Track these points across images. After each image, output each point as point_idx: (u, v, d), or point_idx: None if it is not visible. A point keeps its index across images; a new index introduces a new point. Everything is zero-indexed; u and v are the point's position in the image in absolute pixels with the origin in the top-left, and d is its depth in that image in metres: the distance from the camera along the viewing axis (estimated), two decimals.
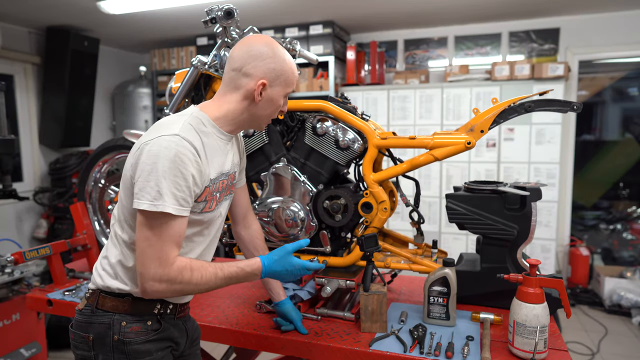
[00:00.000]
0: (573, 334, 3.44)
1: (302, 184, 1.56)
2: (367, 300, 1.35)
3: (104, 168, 2.12)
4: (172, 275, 1.01)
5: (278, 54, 1.15)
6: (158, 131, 1.03)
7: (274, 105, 1.19)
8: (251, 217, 1.45)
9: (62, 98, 4.22)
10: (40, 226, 4.36)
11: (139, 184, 1.00)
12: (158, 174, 0.98)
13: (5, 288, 2.35)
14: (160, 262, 1.00)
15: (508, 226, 1.44)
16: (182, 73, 1.69)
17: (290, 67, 1.18)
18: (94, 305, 1.12)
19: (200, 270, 1.05)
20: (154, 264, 1.00)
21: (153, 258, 1.00)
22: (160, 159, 0.98)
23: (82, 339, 1.11)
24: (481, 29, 4.32)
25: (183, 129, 1.03)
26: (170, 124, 1.05)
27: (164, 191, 0.98)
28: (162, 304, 1.14)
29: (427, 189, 4.07)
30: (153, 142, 1.01)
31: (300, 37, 4.17)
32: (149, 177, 0.98)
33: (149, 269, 1.00)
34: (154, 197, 0.98)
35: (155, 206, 0.98)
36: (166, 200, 0.98)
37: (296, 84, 1.27)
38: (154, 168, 0.98)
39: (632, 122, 5.56)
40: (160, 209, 0.98)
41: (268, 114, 1.19)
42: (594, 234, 4.80)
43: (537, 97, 1.46)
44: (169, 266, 1.01)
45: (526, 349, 1.18)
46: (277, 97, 1.17)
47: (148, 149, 1.00)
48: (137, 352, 1.09)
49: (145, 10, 3.65)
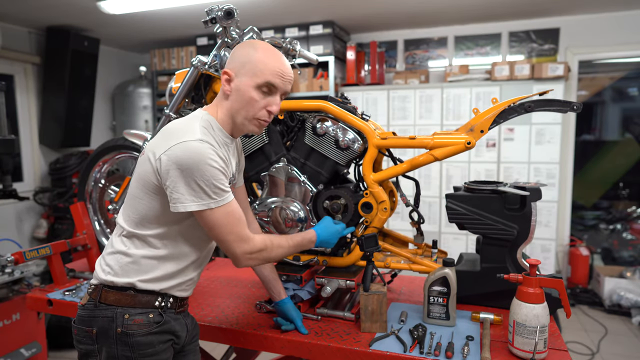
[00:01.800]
0: (573, 334, 3.44)
1: (302, 184, 1.56)
2: (367, 300, 1.35)
3: (104, 168, 2.12)
4: (259, 247, 1.16)
5: (251, 46, 1.15)
6: (178, 137, 1.07)
7: (245, 98, 1.13)
8: (250, 216, 1.46)
9: (62, 98, 4.22)
10: (40, 226, 4.36)
11: (180, 189, 1.06)
12: (195, 177, 1.05)
13: (6, 288, 2.36)
14: (244, 241, 1.13)
15: (508, 226, 1.44)
16: (182, 73, 1.69)
17: (263, 56, 1.13)
18: (96, 299, 1.14)
19: (276, 240, 1.23)
20: (241, 245, 1.13)
21: (237, 241, 1.12)
22: (192, 162, 1.04)
23: (86, 333, 1.13)
24: (481, 29, 4.32)
25: (202, 132, 1.09)
26: (189, 129, 1.09)
27: (212, 189, 1.06)
28: (163, 297, 1.16)
29: (427, 189, 4.07)
30: (179, 147, 1.05)
31: (300, 37, 4.17)
32: (188, 181, 1.05)
33: (239, 250, 1.13)
34: (200, 198, 1.06)
35: (206, 205, 1.07)
36: (212, 196, 1.07)
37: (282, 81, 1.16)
38: (191, 173, 1.04)
39: (632, 122, 5.55)
40: (220, 204, 1.08)
41: (242, 108, 1.14)
42: (594, 234, 4.80)
43: (537, 97, 1.46)
44: (253, 241, 1.15)
45: (526, 349, 1.18)
46: (245, 88, 1.13)
47: (176, 155, 1.05)
48: (140, 344, 1.11)
49: (145, 10, 3.65)
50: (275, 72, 1.13)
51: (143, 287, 1.14)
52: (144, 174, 1.11)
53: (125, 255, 1.15)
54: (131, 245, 1.15)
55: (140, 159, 1.15)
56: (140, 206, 1.13)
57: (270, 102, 1.16)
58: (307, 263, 1.61)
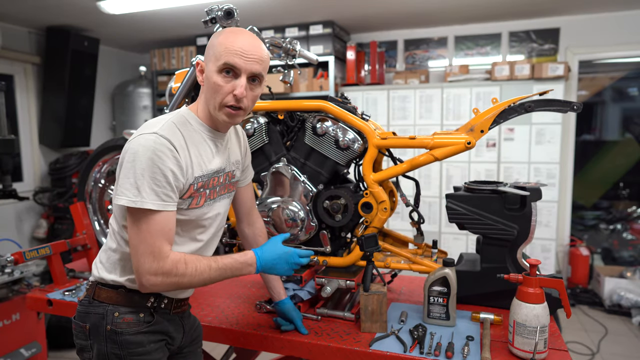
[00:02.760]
0: (573, 334, 3.44)
1: (302, 184, 1.56)
2: (367, 300, 1.35)
3: (104, 168, 2.12)
4: (167, 269, 1.03)
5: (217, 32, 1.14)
6: (140, 130, 1.07)
7: (211, 85, 1.09)
8: (255, 214, 1.46)
9: (62, 98, 4.22)
10: (40, 226, 4.36)
11: (119, 181, 1.04)
12: (136, 171, 1.01)
13: (5, 288, 2.35)
14: (154, 256, 1.02)
15: (508, 226, 1.44)
16: (182, 73, 1.69)
17: (223, 39, 1.08)
18: (91, 295, 1.15)
19: (195, 263, 1.07)
20: (148, 259, 1.02)
21: (146, 253, 1.02)
22: (139, 156, 1.01)
23: (81, 328, 1.14)
24: (481, 29, 4.32)
25: (163, 127, 1.05)
26: (153, 124, 1.08)
27: (143, 188, 1.01)
28: (155, 298, 1.15)
29: (427, 189, 4.07)
30: (134, 140, 1.04)
31: (300, 37, 4.17)
32: (128, 174, 1.02)
33: (143, 264, 1.02)
34: (133, 194, 1.01)
35: (134, 202, 1.01)
36: (144, 197, 1.01)
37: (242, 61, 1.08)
38: (132, 165, 1.01)
39: (632, 122, 5.55)
40: (139, 205, 1.01)
41: (211, 96, 1.10)
42: (594, 234, 4.80)
43: (537, 97, 1.46)
44: (163, 260, 1.03)
45: (526, 349, 1.18)
46: (210, 74, 1.09)
47: (129, 147, 1.04)
48: (129, 342, 1.11)
49: (145, 10, 3.65)
50: (234, 51, 1.06)
51: (133, 287, 1.12)
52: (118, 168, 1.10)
53: (114, 252, 1.15)
54: (120, 243, 1.13)
55: None
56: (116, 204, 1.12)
57: (235, 85, 1.08)
58: (307, 263, 1.61)
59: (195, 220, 1.16)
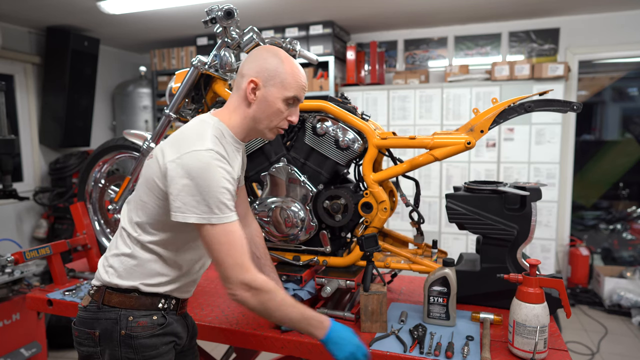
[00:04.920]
0: (573, 334, 3.44)
1: (302, 184, 1.56)
2: (367, 300, 1.35)
3: (104, 168, 2.12)
4: (258, 284, 1.05)
5: (277, 56, 1.15)
6: (189, 145, 1.05)
7: (272, 109, 1.15)
8: (250, 216, 1.47)
9: (62, 98, 4.22)
10: (40, 226, 4.36)
11: (183, 199, 1.03)
12: (202, 188, 1.02)
13: (6, 288, 2.35)
14: (242, 268, 1.05)
15: (508, 226, 1.44)
16: (182, 73, 1.69)
17: (290, 69, 1.15)
18: (99, 301, 1.14)
19: (282, 294, 1.09)
20: (236, 271, 1.04)
21: (234, 265, 1.04)
22: (201, 173, 1.02)
23: (88, 335, 1.13)
24: (481, 29, 4.32)
25: (213, 143, 1.07)
26: (200, 137, 1.07)
27: (214, 203, 1.02)
28: (165, 299, 1.16)
29: (427, 189, 4.07)
30: (188, 157, 1.03)
31: (300, 37, 4.17)
32: (193, 191, 1.02)
33: (236, 276, 1.04)
34: (203, 211, 1.02)
35: (207, 219, 1.03)
36: (216, 212, 1.03)
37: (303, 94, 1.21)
38: (195, 183, 1.02)
39: (632, 122, 5.56)
40: (213, 222, 1.03)
41: (268, 117, 1.16)
42: (593, 234, 4.80)
43: (537, 97, 1.46)
44: (252, 273, 1.05)
45: (526, 348, 1.18)
46: (273, 99, 1.14)
47: (185, 164, 1.03)
48: (144, 346, 1.11)
49: (145, 10, 3.65)
50: (302, 86, 1.18)
51: (147, 290, 1.13)
52: (151, 179, 1.09)
53: (131, 257, 1.14)
54: (136, 248, 1.13)
55: (148, 162, 1.14)
56: (147, 210, 1.11)
57: (292, 112, 1.20)
58: (307, 263, 1.61)
59: None
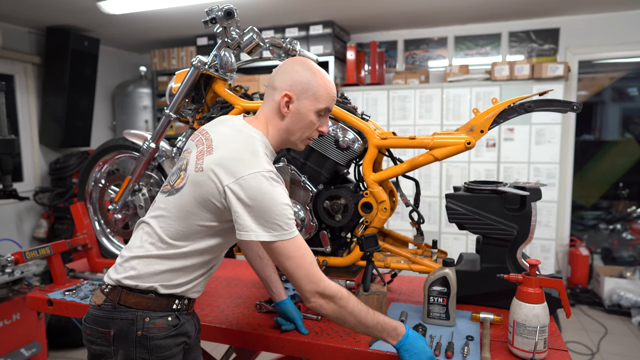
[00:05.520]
0: (573, 334, 3.44)
1: (302, 184, 1.56)
2: (367, 300, 1.35)
3: (104, 168, 2.12)
4: (332, 292, 1.09)
5: (309, 69, 1.18)
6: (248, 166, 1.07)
7: (305, 121, 1.18)
8: None
9: (62, 98, 4.22)
10: (40, 226, 4.36)
11: (251, 219, 1.05)
12: (269, 209, 1.05)
13: (6, 288, 2.35)
14: (311, 279, 1.08)
15: (508, 226, 1.44)
16: (182, 73, 1.69)
17: (322, 82, 1.17)
18: (115, 301, 1.13)
19: (355, 302, 1.12)
20: (309, 283, 1.08)
21: (306, 277, 1.08)
22: (267, 195, 1.05)
23: (101, 334, 1.12)
24: (481, 29, 4.32)
25: (267, 161, 1.11)
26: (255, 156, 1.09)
27: (280, 221, 1.06)
28: (180, 300, 1.17)
29: (427, 189, 4.07)
30: (251, 178, 1.05)
31: (300, 37, 4.17)
32: (262, 213, 1.05)
33: (307, 287, 1.09)
34: (273, 229, 1.06)
35: (279, 236, 1.06)
36: (285, 228, 1.06)
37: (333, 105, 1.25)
38: (264, 205, 1.05)
39: (632, 122, 5.56)
40: (283, 238, 1.07)
41: (300, 129, 1.19)
42: (593, 234, 4.80)
43: (537, 97, 1.46)
44: (323, 281, 1.09)
45: (526, 348, 1.18)
46: (306, 111, 1.17)
47: (249, 186, 1.05)
48: (158, 347, 1.12)
49: (145, 10, 3.65)
50: (332, 97, 1.20)
51: (164, 291, 1.13)
52: (205, 195, 1.08)
53: (158, 262, 1.13)
54: (167, 253, 1.12)
55: (199, 176, 1.09)
56: (192, 220, 1.11)
57: (323, 123, 1.23)
58: None
59: None
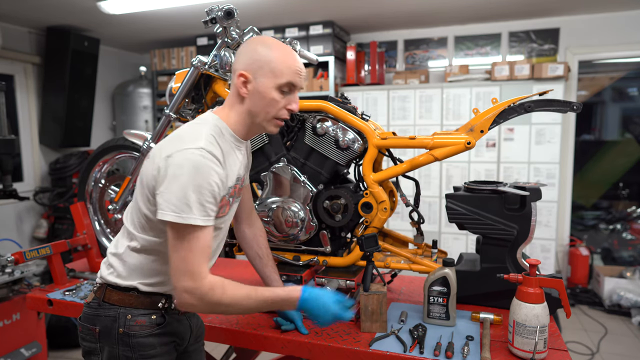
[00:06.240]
0: (573, 334, 3.44)
1: (302, 184, 1.56)
2: (367, 300, 1.35)
3: (104, 168, 2.12)
4: (203, 291, 1.02)
5: (265, 45, 1.11)
6: (182, 143, 1.03)
7: (266, 100, 1.10)
8: (254, 215, 1.47)
9: (62, 98, 4.22)
10: (40, 226, 4.36)
11: (165, 196, 1.00)
12: (185, 186, 0.99)
13: (6, 288, 2.35)
14: (193, 276, 1.01)
15: (508, 226, 1.44)
16: (182, 73, 1.69)
17: (280, 56, 1.09)
18: (100, 298, 1.15)
19: (233, 291, 1.05)
20: (186, 278, 1.01)
21: (185, 272, 1.01)
22: (187, 171, 0.99)
23: (89, 331, 1.14)
24: (481, 29, 4.32)
25: (207, 142, 1.04)
26: (194, 136, 1.05)
27: (192, 203, 0.99)
28: (166, 299, 1.16)
29: (427, 189, 4.07)
30: (178, 154, 1.01)
31: (300, 37, 4.17)
32: (176, 189, 0.99)
33: (182, 283, 1.01)
34: (181, 210, 0.99)
35: (182, 218, 0.99)
36: (194, 212, 0.99)
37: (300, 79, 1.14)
38: (180, 181, 0.99)
39: (632, 122, 5.56)
40: (187, 221, 0.99)
41: (263, 110, 1.12)
42: (593, 234, 4.80)
43: (537, 97, 1.46)
44: (201, 280, 1.01)
45: (526, 348, 1.18)
46: (265, 89, 1.09)
47: (174, 162, 1.01)
48: (141, 344, 1.11)
49: (145, 10, 3.65)
50: (295, 70, 1.11)
51: (146, 289, 1.14)
52: (146, 178, 1.08)
53: (130, 257, 1.14)
54: (136, 248, 1.13)
55: (145, 162, 1.13)
56: (144, 210, 1.10)
57: (290, 100, 1.14)
58: (307, 263, 1.61)
59: (219, 226, 1.17)
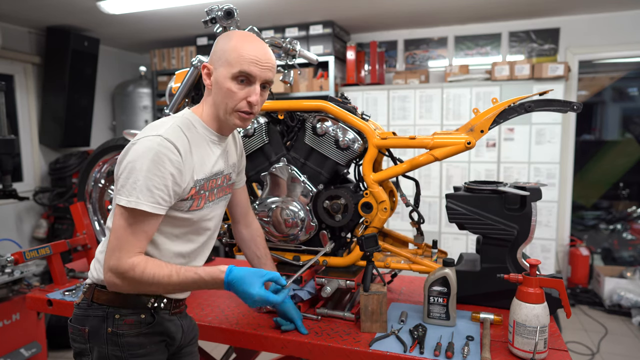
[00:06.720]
0: (573, 334, 3.44)
1: (302, 184, 1.56)
2: (367, 300, 1.35)
3: (104, 168, 2.12)
4: (123, 269, 1.02)
5: (228, 37, 1.12)
6: (145, 132, 1.07)
7: (223, 90, 1.09)
8: (251, 216, 1.48)
9: (62, 98, 4.22)
10: (40, 226, 4.36)
11: (120, 181, 1.04)
12: (136, 172, 1.01)
13: (5, 288, 2.35)
14: (120, 254, 1.02)
15: (508, 226, 1.44)
16: (182, 73, 1.69)
17: (235, 45, 1.07)
18: (89, 298, 1.15)
19: (154, 269, 1.03)
20: (114, 255, 1.02)
21: (115, 249, 1.03)
22: (141, 157, 1.02)
23: (79, 331, 1.14)
24: (481, 29, 4.32)
25: (168, 130, 1.06)
26: (158, 126, 1.08)
27: (141, 189, 1.01)
28: (156, 298, 1.16)
29: (427, 189, 4.07)
30: (139, 142, 1.04)
31: (300, 37, 4.17)
32: (129, 174, 1.02)
33: (108, 260, 1.03)
34: (129, 193, 1.01)
35: (129, 202, 1.01)
36: (140, 198, 1.01)
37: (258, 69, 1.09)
38: (133, 166, 1.02)
39: (632, 122, 5.56)
40: (133, 206, 1.01)
41: (223, 101, 1.10)
42: (594, 234, 4.80)
43: (537, 97, 1.46)
44: (125, 259, 1.02)
45: (526, 349, 1.18)
46: (222, 79, 1.08)
47: (132, 148, 1.04)
48: (130, 344, 1.11)
49: (145, 10, 3.65)
50: (249, 59, 1.07)
51: None
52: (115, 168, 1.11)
53: None
54: None
55: None
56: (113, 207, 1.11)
57: (250, 92, 1.10)
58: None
59: (197, 221, 1.17)
